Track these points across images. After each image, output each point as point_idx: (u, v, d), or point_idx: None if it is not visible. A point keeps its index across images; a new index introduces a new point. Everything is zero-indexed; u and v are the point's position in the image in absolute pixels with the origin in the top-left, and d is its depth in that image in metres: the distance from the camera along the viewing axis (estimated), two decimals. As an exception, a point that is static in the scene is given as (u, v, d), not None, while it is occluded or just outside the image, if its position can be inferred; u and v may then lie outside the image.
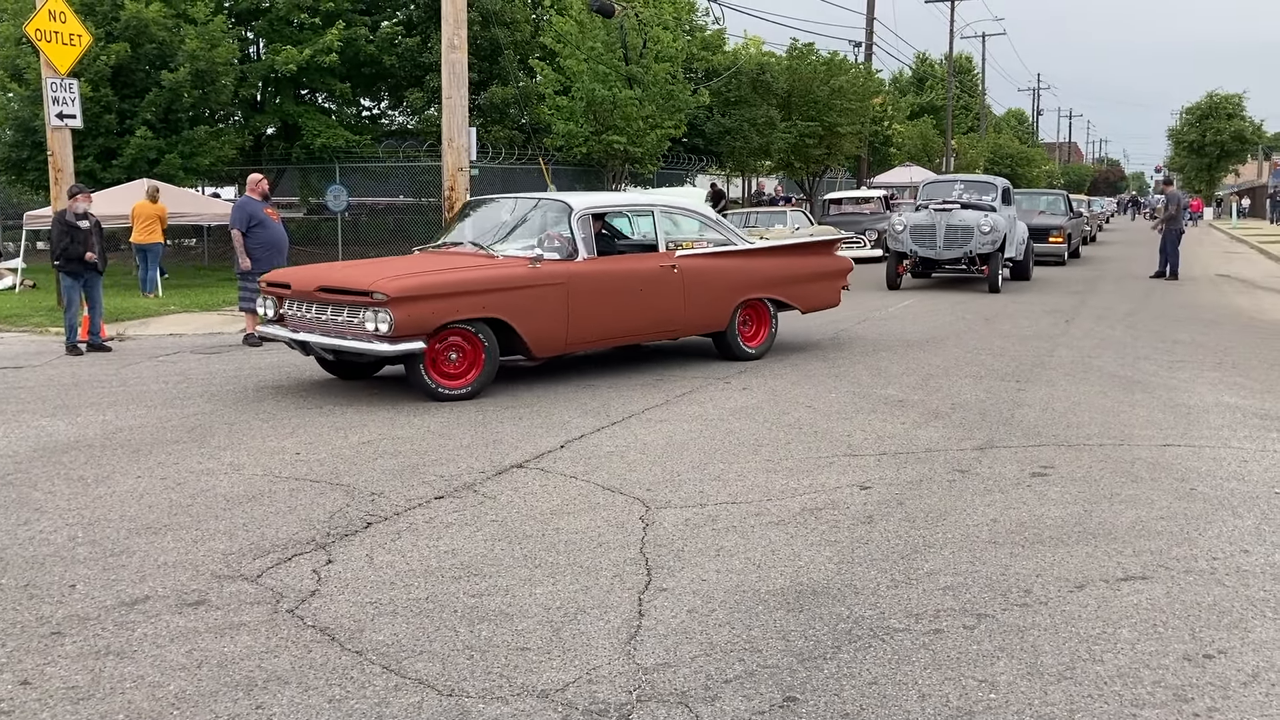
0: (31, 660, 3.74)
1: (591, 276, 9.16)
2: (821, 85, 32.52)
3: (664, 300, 9.65)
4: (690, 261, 9.90)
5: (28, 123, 19.69)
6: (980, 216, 17.34)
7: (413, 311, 8.05)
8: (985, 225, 17.15)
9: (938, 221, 17.59)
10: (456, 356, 8.48)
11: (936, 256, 17.73)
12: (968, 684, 3.53)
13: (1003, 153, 61.34)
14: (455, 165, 16.27)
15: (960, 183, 19.35)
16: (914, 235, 17.79)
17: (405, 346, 8.09)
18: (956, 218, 17.50)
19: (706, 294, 9.96)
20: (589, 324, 9.15)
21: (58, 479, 6.15)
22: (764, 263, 10.59)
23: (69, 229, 11.58)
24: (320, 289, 8.60)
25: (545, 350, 9.00)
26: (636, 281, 9.49)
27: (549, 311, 8.82)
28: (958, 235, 17.44)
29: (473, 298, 8.41)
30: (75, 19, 14.69)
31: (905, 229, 17.89)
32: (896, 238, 18.08)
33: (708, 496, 5.70)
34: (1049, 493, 5.73)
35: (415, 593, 4.34)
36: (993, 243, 17.21)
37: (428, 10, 24.72)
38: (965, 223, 17.36)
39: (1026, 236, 19.77)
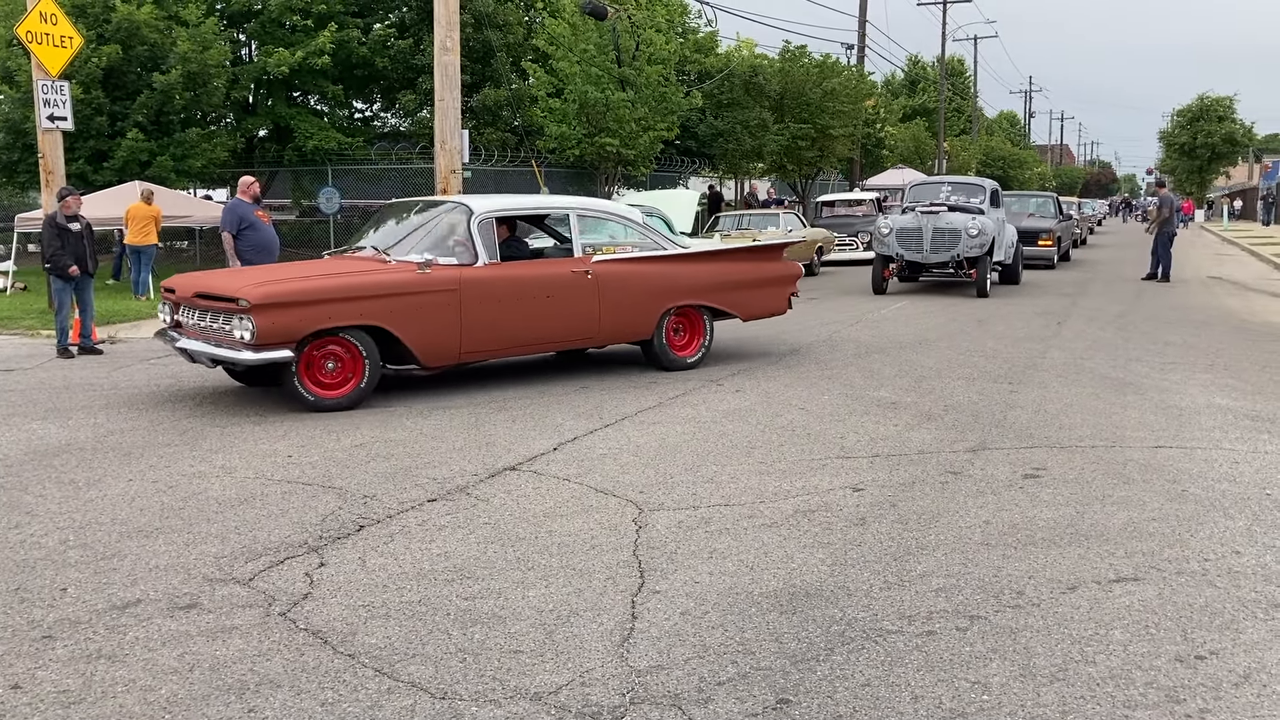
0: (22, 664, 3.73)
1: (489, 282, 8.75)
2: (814, 87, 32.55)
3: (576, 307, 9.24)
4: (608, 267, 9.48)
5: (18, 125, 19.64)
6: (967, 219, 17.04)
7: (278, 319, 7.76)
8: (973, 228, 16.83)
9: (924, 224, 17.24)
10: (334, 365, 8.15)
11: (923, 260, 17.40)
12: (960, 685, 3.53)
13: (995, 155, 61.48)
14: (448, 168, 16.26)
15: (948, 185, 19.01)
16: (900, 239, 17.42)
17: (271, 355, 7.80)
18: (943, 220, 17.14)
19: (627, 301, 9.53)
20: (487, 332, 8.75)
21: (49, 482, 6.13)
22: (695, 268, 10.11)
23: (60, 232, 11.55)
24: (197, 295, 8.35)
25: (436, 360, 8.64)
26: (543, 288, 9.07)
27: (438, 319, 8.46)
28: (945, 239, 17.09)
29: (348, 304, 8.08)
30: (66, 21, 14.65)
31: (891, 232, 17.53)
32: (882, 241, 17.69)
33: (701, 499, 5.70)
34: (1041, 494, 5.74)
35: (408, 595, 4.33)
36: (980, 246, 16.89)
37: (420, 12, 24.71)
38: (952, 226, 17.02)
39: (1016, 240, 19.43)
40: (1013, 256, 19.07)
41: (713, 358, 10.62)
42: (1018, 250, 19.44)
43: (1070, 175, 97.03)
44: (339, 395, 8.14)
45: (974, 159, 55.60)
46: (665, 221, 16.73)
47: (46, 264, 11.93)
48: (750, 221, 22.53)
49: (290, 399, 8.15)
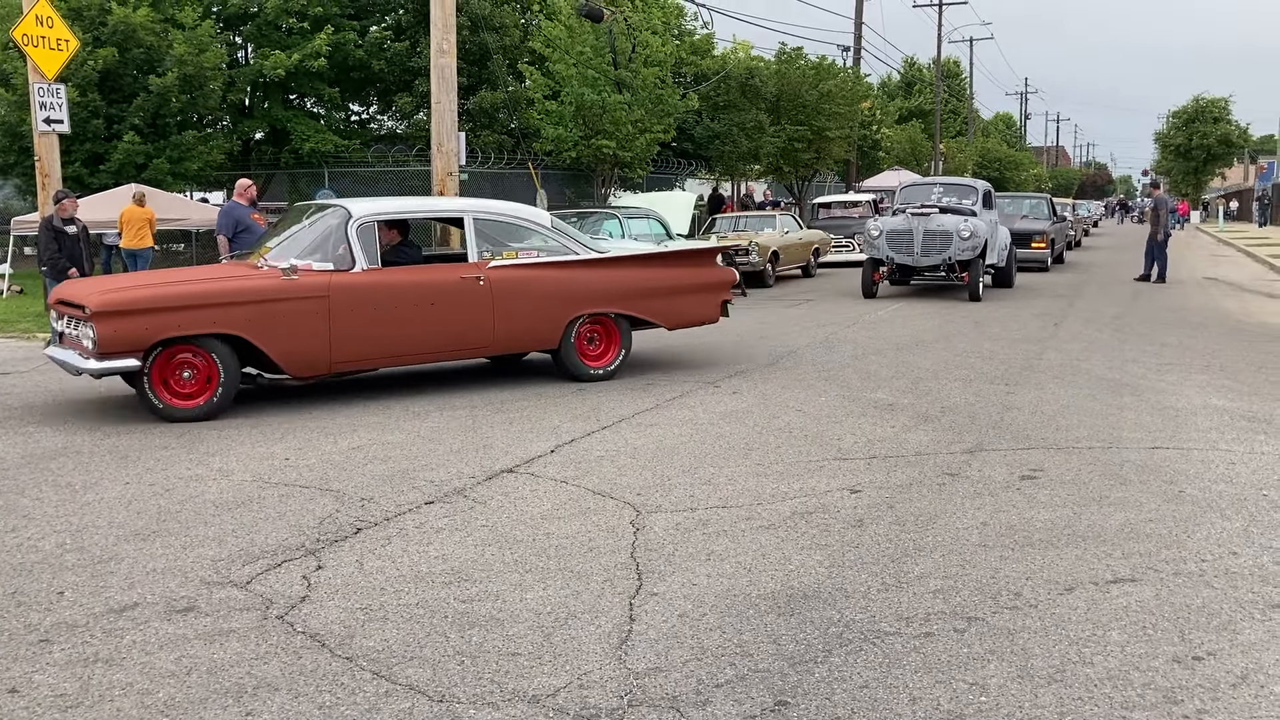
0: (19, 668, 3.72)
1: (364, 289, 8.37)
2: (810, 89, 32.56)
3: (466, 315, 8.79)
4: (505, 273, 8.99)
5: (15, 128, 19.63)
6: (959, 221, 16.67)
7: (120, 327, 7.53)
8: (965, 230, 16.46)
9: (915, 227, 16.81)
10: (190, 374, 7.90)
11: (914, 264, 17.04)
12: (958, 687, 3.53)
13: (991, 156, 61.55)
14: (444, 170, 16.26)
15: (939, 186, 18.58)
16: (890, 241, 17.00)
17: (115, 364, 7.61)
18: (935, 223, 16.74)
19: (527, 308, 9.05)
20: (361, 341, 8.39)
21: (45, 485, 6.12)
22: (609, 274, 9.57)
23: (56, 234, 11.55)
24: (59, 301, 8.24)
25: (303, 369, 8.30)
26: (427, 295, 8.63)
27: (304, 327, 8.13)
28: (936, 241, 16.70)
29: (199, 312, 7.81)
30: (62, 24, 14.64)
31: (881, 234, 17.11)
32: (872, 244, 17.28)
33: (698, 501, 5.70)
34: (1038, 496, 5.75)
35: (405, 598, 4.33)
36: (973, 249, 16.53)
37: (416, 15, 24.70)
38: (944, 228, 16.64)
39: (1009, 242, 19.10)
40: (1006, 259, 18.74)
41: (709, 361, 10.63)
42: (1011, 253, 19.12)
43: (1066, 177, 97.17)
44: (192, 405, 7.87)
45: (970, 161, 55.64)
46: (662, 223, 16.78)
47: (43, 266, 11.93)
48: (747, 223, 22.54)
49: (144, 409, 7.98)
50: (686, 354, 11.10)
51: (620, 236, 15.35)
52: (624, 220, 15.78)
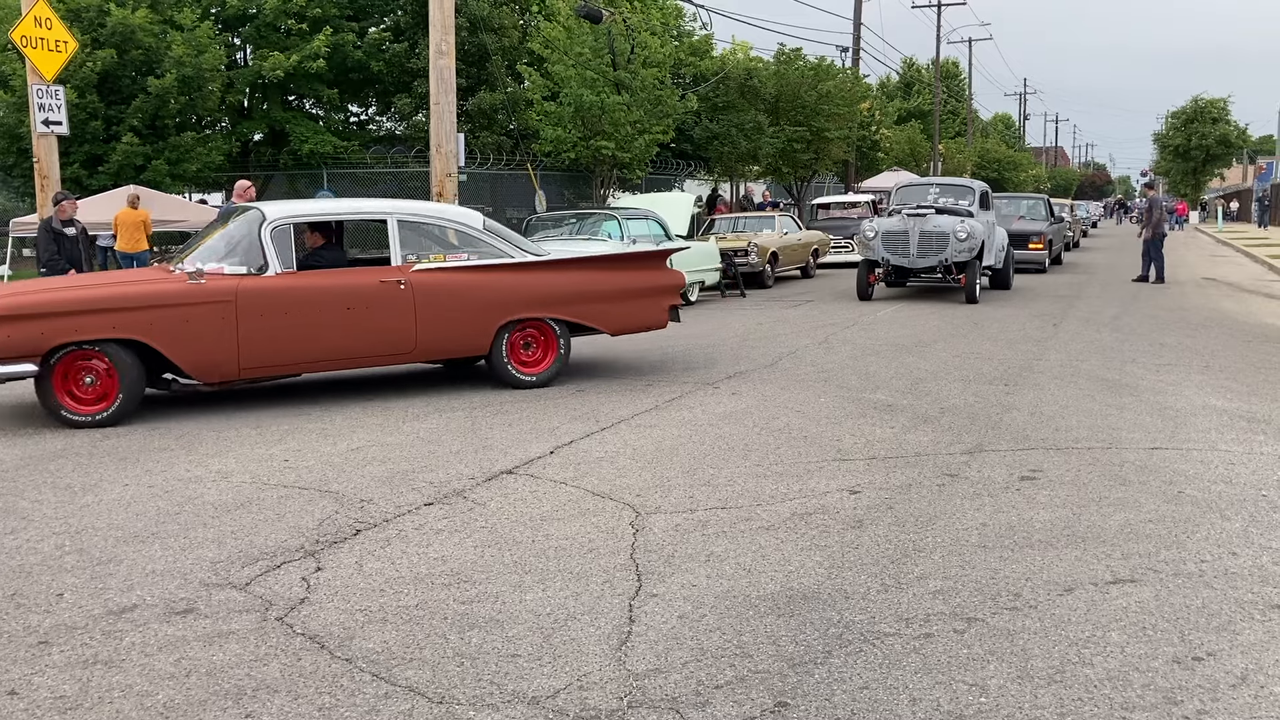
0: (18, 670, 3.72)
1: (275, 293, 8.21)
2: (809, 90, 32.58)
3: (385, 320, 8.57)
4: (429, 277, 8.75)
5: (13, 129, 19.64)
6: (956, 222, 16.38)
7: (13, 332, 7.47)
8: (961, 232, 16.18)
9: (911, 228, 16.48)
10: (92, 380, 7.80)
11: (910, 265, 16.70)
12: (958, 688, 3.53)
13: (990, 157, 61.58)
14: (443, 171, 16.26)
15: (935, 186, 18.25)
16: (886, 242, 16.70)
17: (11, 369, 7.54)
18: (931, 224, 16.43)
19: (452, 314, 8.80)
20: (272, 346, 8.23)
21: (45, 487, 6.12)
22: (544, 278, 9.27)
23: (55, 236, 11.55)
24: None
25: (210, 375, 8.15)
26: (344, 299, 8.43)
27: (209, 332, 7.99)
28: (932, 242, 16.41)
29: (97, 317, 7.69)
30: (61, 25, 14.64)
31: (877, 235, 16.78)
32: (868, 245, 16.98)
33: (697, 502, 5.70)
34: (1038, 496, 5.75)
35: (405, 600, 4.33)
36: (969, 250, 16.28)
37: (415, 16, 24.71)
38: (940, 229, 16.34)
39: (1006, 243, 18.76)
40: (1003, 261, 18.48)
41: (708, 362, 10.63)
42: (1008, 254, 18.80)
43: (1065, 177, 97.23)
44: (91, 412, 7.77)
45: (969, 161, 55.66)
46: (661, 224, 16.76)
47: (42, 268, 11.93)
48: (746, 224, 22.55)
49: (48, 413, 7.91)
50: (685, 355, 11.11)
51: (619, 238, 15.34)
52: (623, 221, 15.76)
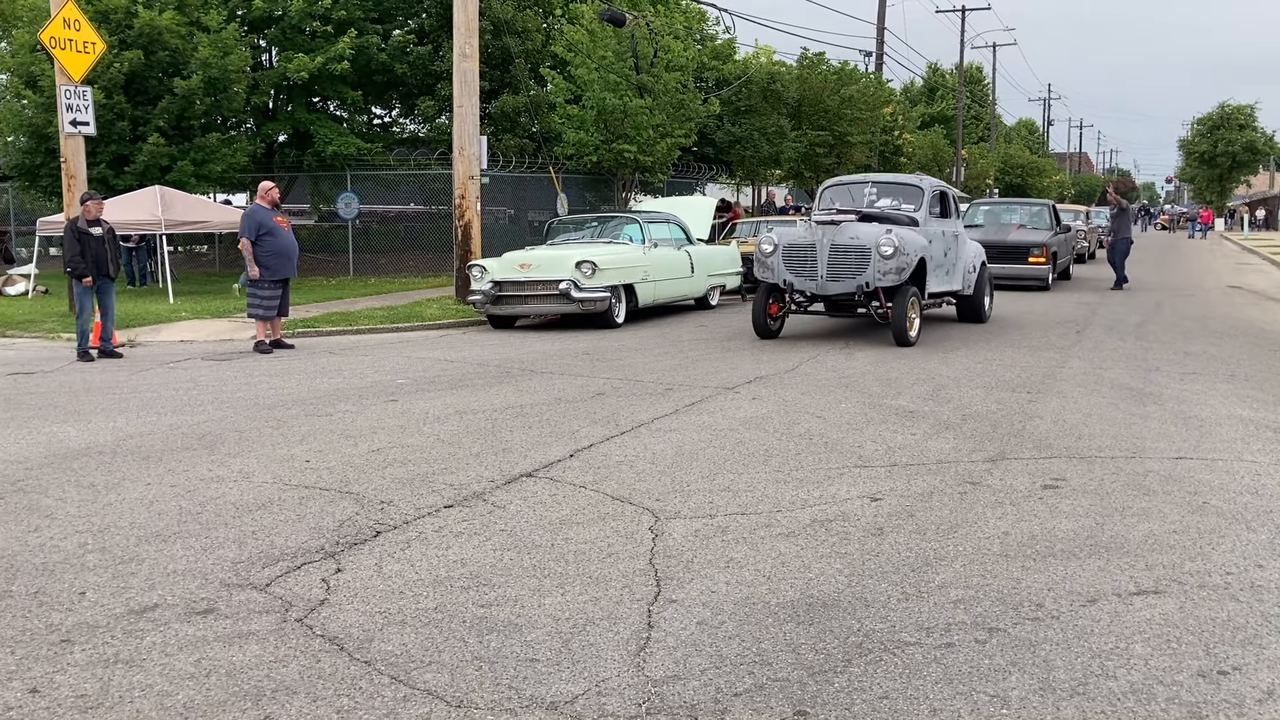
0: (40, 668, 3.74)
1: None
2: (832, 94, 32.54)
3: None
4: None
5: (41, 129, 19.80)
6: (879, 233, 11.96)
7: None
8: (886, 245, 11.74)
9: (820, 240, 12.16)
10: None
11: (819, 290, 12.30)
12: (979, 699, 3.50)
13: (1013, 163, 61.35)
14: (466, 173, 16.31)
15: (872, 184, 13.70)
16: (788, 259, 12.30)
17: None
18: (847, 234, 12.09)
19: None
20: None
21: (68, 485, 6.16)
22: None
23: (80, 236, 11.63)
24: None
25: None
26: None
27: None
28: (847, 260, 12.04)
29: None
30: (89, 26, 14.77)
31: (776, 250, 12.40)
32: (764, 263, 12.50)
33: (717, 507, 5.68)
34: (1061, 505, 5.70)
35: (424, 602, 4.33)
36: (898, 271, 11.81)
37: (440, 19, 24.79)
38: (858, 242, 11.99)
39: (981, 262, 14.59)
40: (976, 284, 14.39)
41: (728, 366, 10.59)
42: (983, 275, 14.65)
43: (1089, 183, 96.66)
44: None
45: (992, 166, 55.47)
46: (682, 228, 16.76)
47: (67, 268, 12.02)
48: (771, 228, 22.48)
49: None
50: (705, 359, 11.08)
51: (640, 241, 15.35)
52: (644, 225, 15.75)
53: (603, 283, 13.91)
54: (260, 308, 12.27)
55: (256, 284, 12.17)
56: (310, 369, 10.76)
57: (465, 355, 11.73)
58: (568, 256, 14.03)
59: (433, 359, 11.45)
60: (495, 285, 14.09)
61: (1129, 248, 20.55)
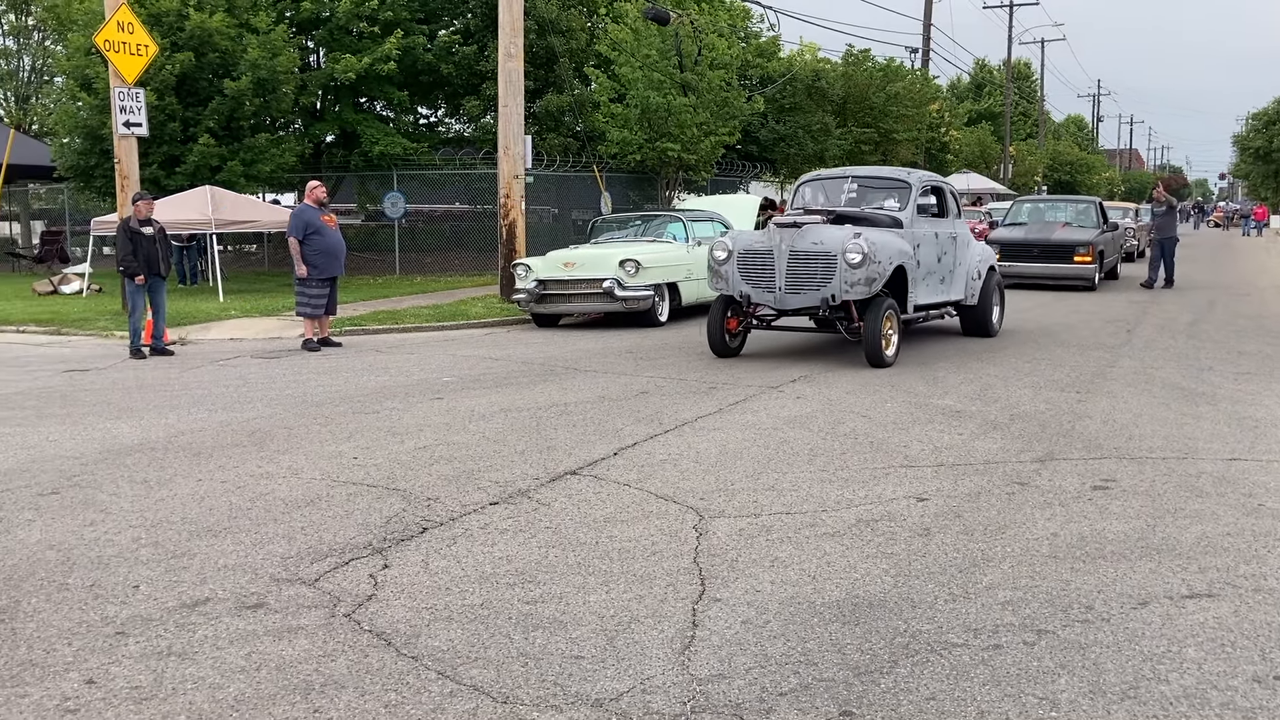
0: (96, 659, 3.81)
1: None
2: (877, 92, 32.33)
3: None
4: None
5: (96, 131, 20.13)
6: (847, 237, 10.30)
7: None
8: (854, 253, 10.11)
9: (778, 246, 10.59)
10: None
11: (777, 305, 10.75)
12: (1028, 701, 3.47)
13: (1062, 160, 60.61)
14: (510, 173, 16.38)
15: (853, 179, 12.15)
16: (744, 268, 10.77)
17: None
18: (808, 239, 10.47)
19: None
20: None
21: (122, 481, 6.27)
22: None
23: (132, 236, 11.82)
24: None
25: None
26: None
27: None
28: (809, 269, 10.42)
29: None
30: (142, 29, 15.01)
31: (730, 257, 10.85)
32: (718, 272, 10.97)
33: (761, 506, 5.66)
34: (1111, 507, 5.63)
35: (470, 599, 4.36)
36: (868, 282, 10.18)
37: (485, 19, 24.92)
38: (822, 248, 10.34)
39: (987, 268, 12.84)
40: (980, 294, 12.65)
41: (772, 365, 10.55)
42: (990, 283, 12.84)
43: (1139, 180, 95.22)
44: None
45: (1040, 164, 54.82)
46: (726, 226, 16.72)
47: (120, 267, 12.23)
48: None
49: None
50: (748, 357, 11.05)
51: (684, 239, 15.34)
52: (688, 223, 15.73)
53: (646, 281, 13.92)
54: (308, 306, 12.41)
55: (304, 282, 12.31)
56: (357, 367, 10.87)
57: (510, 353, 11.79)
58: (611, 255, 14.05)
59: (478, 357, 11.52)
60: (539, 284, 14.15)
61: (1175, 246, 20.22)
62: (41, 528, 5.35)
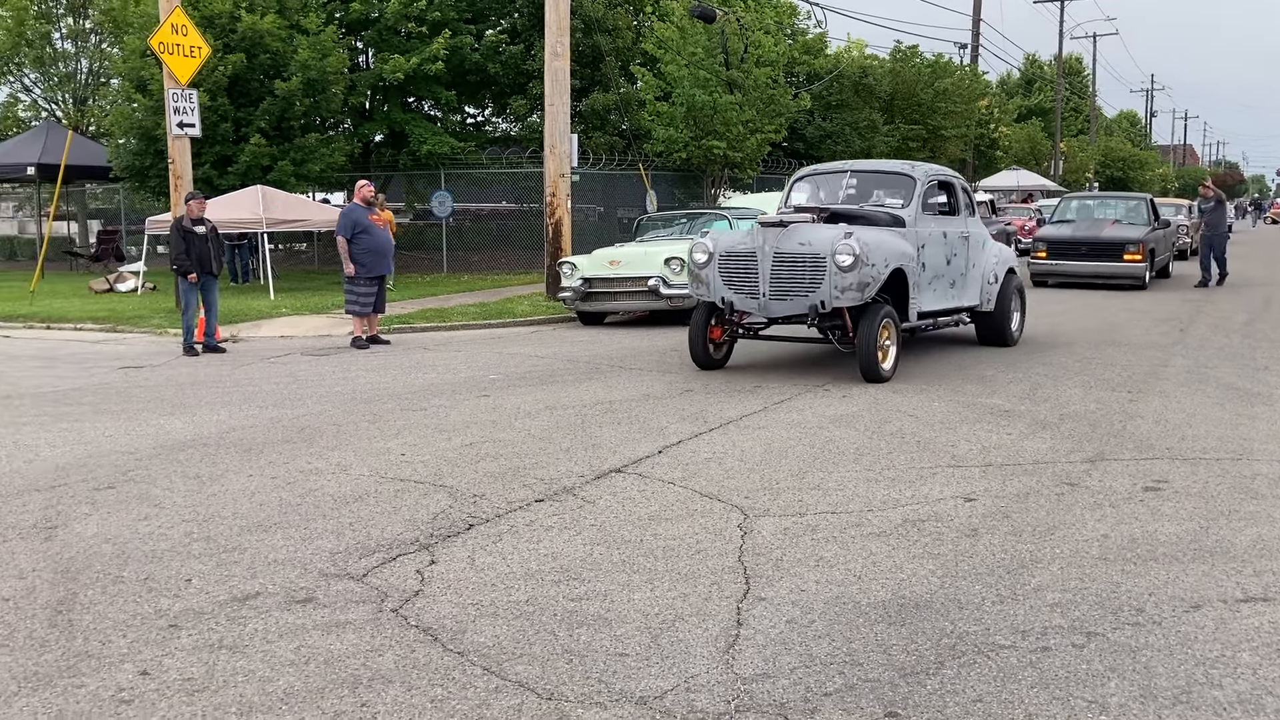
0: (150, 651, 3.88)
1: None
2: (925, 88, 32.06)
3: None
4: None
5: (150, 131, 20.48)
6: (836, 237, 9.27)
7: None
8: (844, 255, 9.11)
9: (761, 247, 9.58)
10: None
11: (761, 312, 9.78)
12: (1077, 704, 3.43)
13: (1114, 156, 59.70)
14: (557, 171, 16.44)
15: (850, 173, 11.20)
16: (726, 272, 9.79)
17: None
18: (795, 240, 9.47)
19: None
20: None
21: (175, 476, 6.38)
22: None
23: (185, 235, 12.01)
24: None
25: None
26: None
27: None
28: (797, 273, 9.41)
29: None
30: (196, 31, 15.24)
31: (711, 260, 9.87)
32: (697, 275, 10.00)
33: (807, 505, 5.64)
34: (1163, 508, 5.54)
35: (515, 595, 4.39)
36: (860, 286, 9.17)
37: (531, 18, 25.03)
38: (809, 250, 9.35)
39: (1005, 271, 11.71)
40: (998, 299, 11.55)
41: (817, 363, 10.50)
42: (1007, 287, 11.71)
43: (1193, 176, 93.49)
44: None
45: (1092, 160, 54.04)
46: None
47: (173, 265, 12.43)
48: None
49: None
50: (795, 356, 11.00)
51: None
52: (734, 221, 15.68)
53: (692, 279, 13.87)
54: (356, 304, 12.53)
55: (353, 281, 12.43)
56: (405, 364, 10.96)
57: (555, 351, 11.84)
58: (657, 253, 14.05)
59: (524, 355, 11.58)
60: (585, 282, 14.19)
61: (1226, 242, 19.82)
62: (98, 522, 5.46)
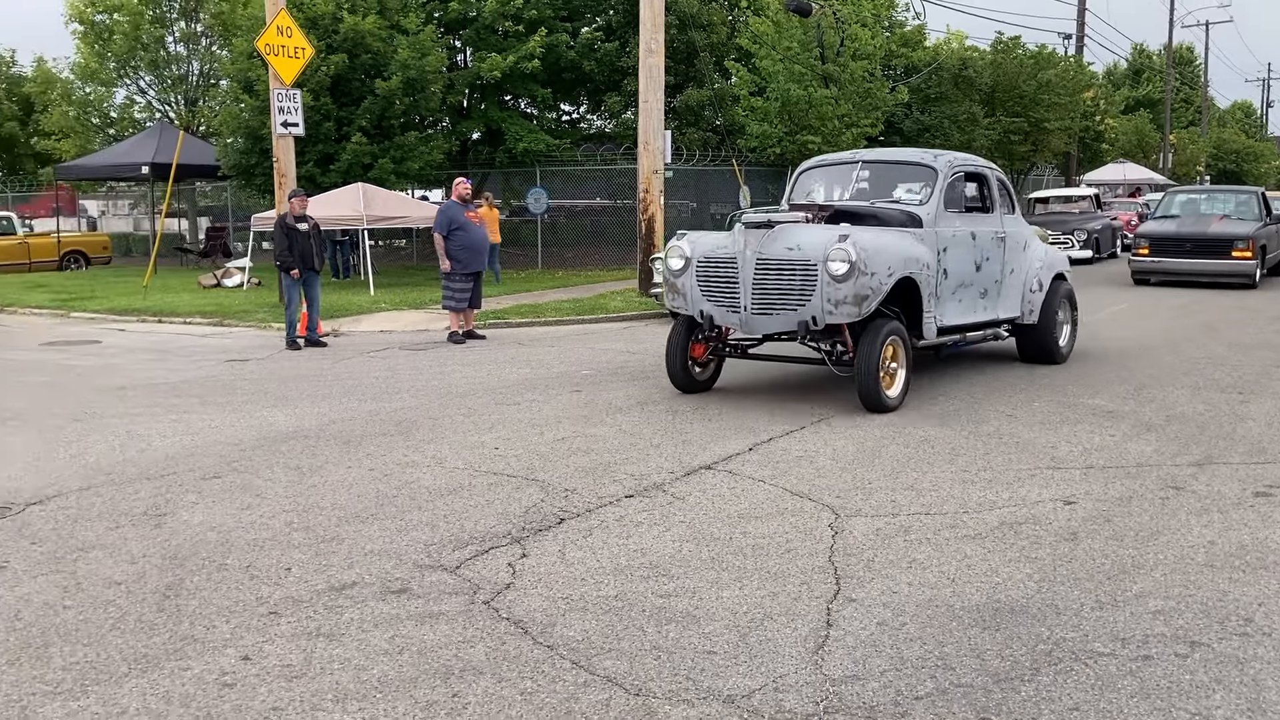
0: (251, 637, 4.00)
1: None
2: (1028, 80, 31.29)
3: None
4: None
5: (256, 131, 21.05)
6: (829, 240, 7.94)
7: None
8: (838, 262, 7.78)
9: (743, 252, 8.29)
10: None
11: (743, 328, 8.54)
12: (1179, 716, 3.32)
13: (1227, 148, 57.55)
14: (650, 168, 16.46)
15: (862, 164, 9.80)
16: (704, 280, 8.54)
17: None
18: (782, 243, 8.15)
19: None
20: None
21: (277, 467, 6.56)
22: None
23: (288, 231, 12.33)
24: None
25: None
26: None
27: None
28: (784, 282, 8.12)
29: None
30: (300, 33, 15.61)
31: (688, 267, 8.63)
32: (673, 284, 8.75)
33: (900, 506, 5.57)
34: (1274, 514, 5.33)
35: (605, 590, 4.42)
36: (856, 299, 7.83)
37: (626, 15, 25.09)
38: (798, 256, 8.03)
39: (1051, 277, 10.18)
40: (1039, 308, 9.96)
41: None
42: (1057, 294, 10.18)
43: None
44: None
45: (1203, 152, 52.21)
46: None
47: (277, 261, 12.78)
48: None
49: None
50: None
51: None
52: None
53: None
54: (453, 299, 12.73)
55: (449, 277, 12.62)
56: (500, 359, 11.10)
57: (647, 347, 11.86)
58: (750, 249, 13.92)
59: (615, 350, 11.63)
60: (678, 278, 14.13)
61: None
62: (203, 510, 5.64)
